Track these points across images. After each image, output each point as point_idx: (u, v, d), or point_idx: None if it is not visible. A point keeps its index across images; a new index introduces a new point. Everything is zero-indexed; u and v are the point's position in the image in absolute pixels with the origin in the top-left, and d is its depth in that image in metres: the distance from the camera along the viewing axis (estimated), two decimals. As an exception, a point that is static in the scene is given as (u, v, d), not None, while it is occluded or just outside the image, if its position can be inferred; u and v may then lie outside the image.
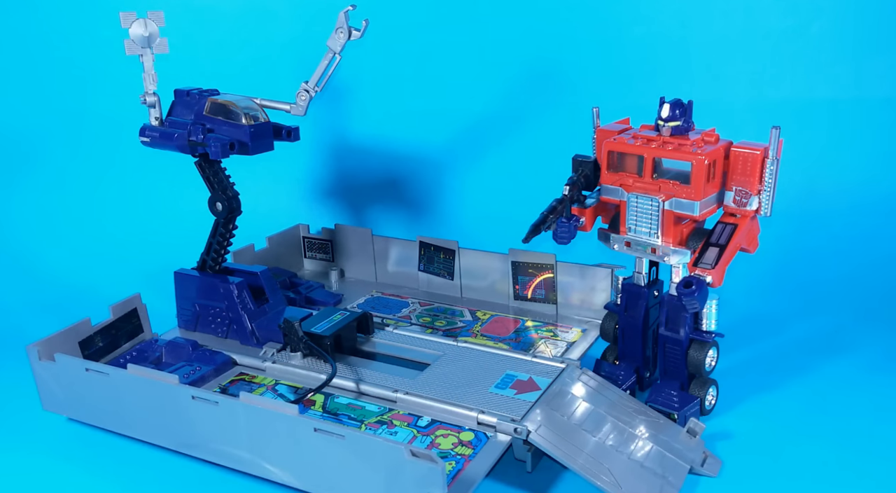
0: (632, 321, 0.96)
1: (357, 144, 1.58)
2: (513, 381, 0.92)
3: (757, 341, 1.14)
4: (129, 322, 1.07)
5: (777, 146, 0.85)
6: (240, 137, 1.00)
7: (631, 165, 0.90)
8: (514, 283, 1.17)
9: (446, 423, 0.86)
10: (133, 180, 1.58)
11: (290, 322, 1.00)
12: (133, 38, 1.00)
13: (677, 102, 0.88)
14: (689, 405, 0.91)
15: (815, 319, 1.20)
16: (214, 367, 0.99)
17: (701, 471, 0.84)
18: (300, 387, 0.95)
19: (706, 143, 0.87)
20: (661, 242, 0.90)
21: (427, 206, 1.54)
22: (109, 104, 1.56)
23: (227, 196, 1.08)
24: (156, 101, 1.04)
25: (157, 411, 0.88)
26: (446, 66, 1.53)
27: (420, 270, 1.26)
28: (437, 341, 1.05)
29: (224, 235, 1.10)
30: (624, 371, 0.97)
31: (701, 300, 0.86)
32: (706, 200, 0.87)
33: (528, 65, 1.51)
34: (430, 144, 1.55)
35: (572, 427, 0.83)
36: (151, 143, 1.04)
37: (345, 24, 0.99)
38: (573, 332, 1.08)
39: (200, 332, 1.11)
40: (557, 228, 0.92)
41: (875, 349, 1.11)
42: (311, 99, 1.04)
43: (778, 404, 0.98)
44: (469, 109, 1.54)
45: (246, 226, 1.17)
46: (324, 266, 1.37)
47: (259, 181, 1.54)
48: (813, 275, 1.30)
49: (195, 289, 1.11)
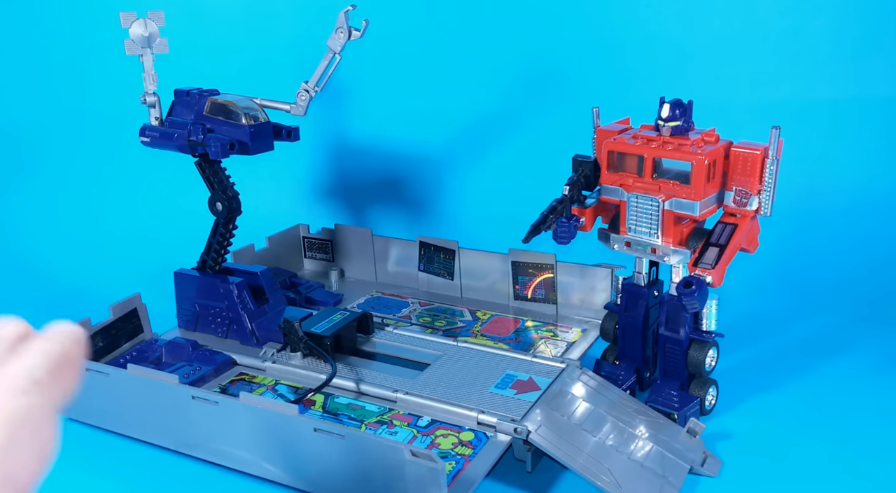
0: (632, 321, 0.96)
1: (357, 144, 1.58)
2: (513, 381, 0.92)
3: (757, 341, 1.14)
4: (129, 322, 1.07)
5: (777, 146, 0.85)
6: (240, 137, 1.00)
7: (631, 165, 0.90)
8: (514, 283, 1.17)
9: (446, 423, 0.86)
10: (133, 180, 1.58)
11: (290, 322, 1.00)
12: (133, 38, 1.00)
13: (677, 102, 0.88)
14: (689, 405, 0.91)
15: (815, 319, 1.20)
16: (214, 367, 0.99)
17: (701, 471, 0.84)
18: (300, 387, 0.95)
19: (706, 143, 0.87)
20: (661, 242, 0.90)
21: (427, 206, 1.54)
22: (109, 104, 1.56)
23: (227, 196, 1.08)
24: (156, 101, 1.04)
25: (157, 411, 0.88)
26: (446, 66, 1.53)
27: (420, 270, 1.26)
28: (437, 341, 1.05)
29: (224, 235, 1.10)
30: (624, 371, 0.97)
31: (701, 300, 0.86)
32: (706, 200, 0.87)
33: (527, 65, 1.51)
34: (430, 144, 1.55)
35: (572, 427, 0.83)
36: (151, 143, 1.04)
37: (345, 24, 0.99)
38: (573, 332, 1.08)
39: (200, 332, 1.11)
40: (557, 228, 0.92)
41: (875, 349, 1.11)
42: (311, 99, 1.04)
43: (778, 404, 0.98)
44: (469, 109, 1.54)
45: (246, 226, 1.17)
46: (324, 266, 1.37)
47: (259, 181, 1.54)
48: (813, 275, 1.30)
49: (195, 289, 1.11)
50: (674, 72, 1.45)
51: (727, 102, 1.42)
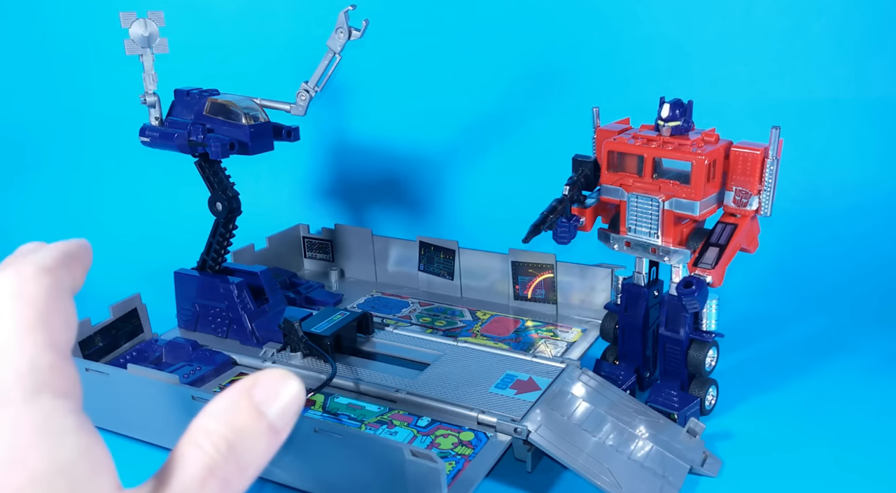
0: (632, 321, 0.96)
1: (357, 144, 1.58)
2: (513, 381, 0.92)
3: (757, 341, 1.14)
4: (129, 322, 1.07)
5: (777, 146, 0.85)
6: (240, 137, 1.00)
7: (631, 165, 0.90)
8: (514, 283, 1.17)
9: (446, 423, 0.86)
10: (133, 180, 1.58)
11: (290, 322, 1.00)
12: (133, 38, 1.00)
13: (677, 102, 0.88)
14: (689, 405, 0.91)
15: (815, 319, 1.20)
16: (214, 367, 0.99)
17: (701, 471, 0.84)
18: (300, 387, 0.95)
19: (706, 143, 0.87)
20: (661, 242, 0.90)
21: (427, 206, 1.54)
22: (109, 104, 1.56)
23: (227, 196, 1.08)
24: (156, 101, 1.04)
25: (157, 411, 0.88)
26: (446, 66, 1.53)
27: (420, 270, 1.26)
28: (437, 341, 1.05)
29: (224, 235, 1.10)
30: (624, 371, 0.97)
31: (701, 300, 0.85)
32: (706, 200, 0.87)
33: (528, 65, 1.51)
34: (430, 144, 1.55)
35: (572, 427, 0.83)
36: (151, 143, 1.04)
37: (345, 24, 0.99)
38: (573, 332, 1.07)
39: (200, 332, 1.11)
40: (557, 228, 0.92)
41: (875, 349, 1.11)
42: (311, 99, 1.04)
43: (778, 404, 0.98)
44: (469, 109, 1.54)
45: (246, 226, 1.17)
46: (324, 266, 1.37)
47: (259, 181, 1.54)
48: (813, 275, 1.30)
49: (195, 289, 1.11)
50: (674, 72, 1.45)
51: (727, 102, 1.42)
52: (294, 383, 0.34)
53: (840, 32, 1.39)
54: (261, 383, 0.34)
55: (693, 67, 1.44)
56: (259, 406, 0.33)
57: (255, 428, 0.33)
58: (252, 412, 0.33)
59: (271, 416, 0.33)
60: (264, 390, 0.34)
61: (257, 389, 0.34)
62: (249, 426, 0.33)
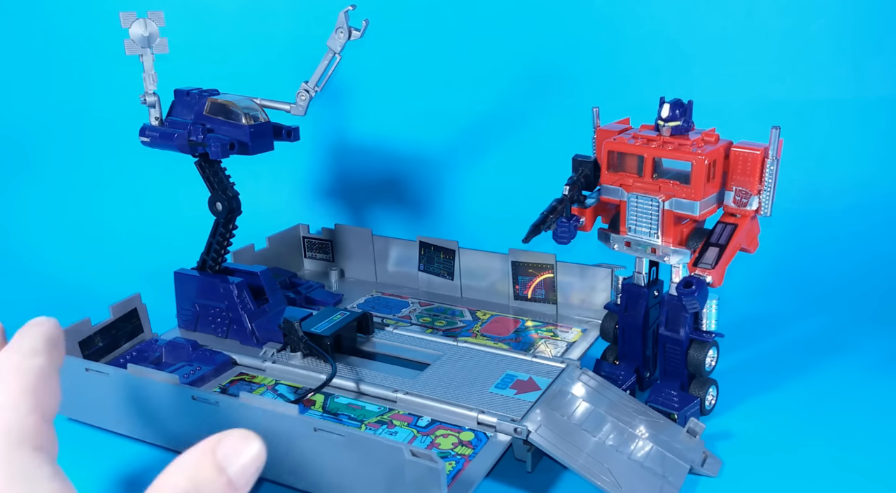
0: (632, 321, 0.96)
1: (357, 144, 1.58)
2: (513, 381, 0.92)
3: (757, 341, 1.14)
4: (129, 322, 1.07)
5: (777, 146, 0.85)
6: (240, 137, 1.00)
7: (631, 165, 0.90)
8: (514, 283, 1.17)
9: (446, 423, 0.86)
10: (132, 180, 1.58)
11: (290, 322, 1.00)
12: (133, 38, 1.00)
13: (677, 102, 0.88)
14: (689, 405, 0.91)
15: (815, 319, 1.20)
16: (214, 367, 0.99)
17: (701, 471, 0.84)
18: (300, 387, 0.95)
19: (706, 143, 0.87)
20: (661, 242, 0.90)
21: (427, 206, 1.54)
22: (109, 104, 1.56)
23: (227, 196, 1.08)
24: (156, 101, 1.04)
25: (157, 411, 0.88)
26: (446, 66, 1.53)
27: (420, 270, 1.26)
28: (437, 341, 1.05)
29: (224, 235, 1.10)
30: (624, 371, 0.97)
31: (701, 300, 0.86)
32: (706, 200, 0.87)
33: (528, 65, 1.51)
34: (430, 144, 1.55)
35: (572, 427, 0.83)
36: (151, 143, 1.04)
37: (345, 24, 0.99)
38: (573, 332, 1.08)
39: (200, 332, 1.11)
40: (557, 228, 0.92)
41: (875, 349, 1.11)
42: (311, 99, 1.04)
43: (778, 404, 0.98)
44: (469, 109, 1.54)
45: (246, 226, 1.17)
46: (324, 266, 1.37)
47: (259, 181, 1.54)
48: (813, 275, 1.30)
49: (195, 289, 1.11)
50: (674, 72, 1.45)
51: (727, 102, 1.42)
52: (255, 444, 0.37)
53: (839, 33, 1.40)
54: (225, 442, 0.37)
55: (693, 68, 1.44)
56: (221, 463, 0.36)
57: (216, 483, 0.36)
58: (214, 469, 0.36)
59: (231, 473, 0.36)
60: (228, 448, 0.37)
61: (221, 447, 0.37)
62: (211, 481, 0.36)
